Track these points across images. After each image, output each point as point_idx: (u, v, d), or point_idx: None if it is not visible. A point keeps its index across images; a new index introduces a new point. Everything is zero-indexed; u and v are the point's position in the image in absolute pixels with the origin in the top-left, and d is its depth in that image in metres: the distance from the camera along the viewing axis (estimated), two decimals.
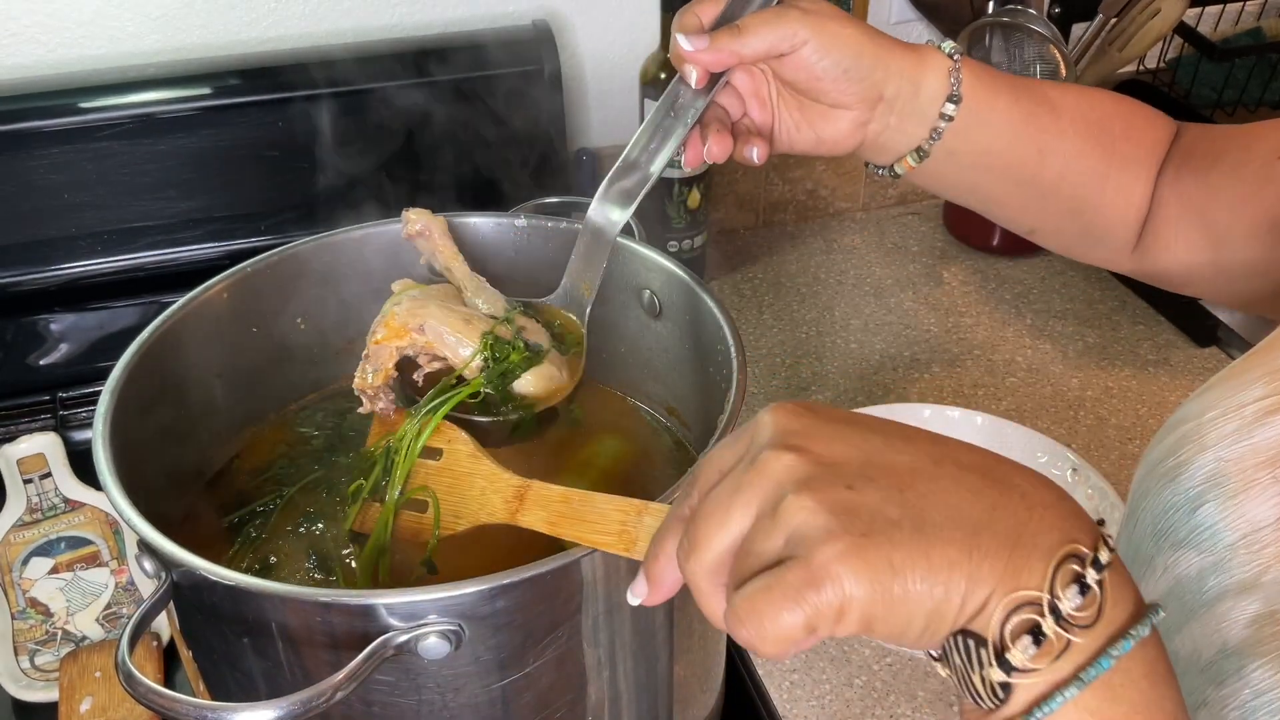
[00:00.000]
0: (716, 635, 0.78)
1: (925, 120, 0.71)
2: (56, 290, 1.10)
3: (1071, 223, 0.77)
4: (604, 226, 0.72)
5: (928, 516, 0.41)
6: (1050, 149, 0.73)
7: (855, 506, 0.41)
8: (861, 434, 0.44)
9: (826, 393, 1.19)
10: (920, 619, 0.41)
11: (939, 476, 0.43)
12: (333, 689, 0.54)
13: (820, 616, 0.40)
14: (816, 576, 0.40)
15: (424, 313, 0.70)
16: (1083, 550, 0.41)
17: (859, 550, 0.40)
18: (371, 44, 1.15)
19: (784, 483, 0.43)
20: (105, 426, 0.65)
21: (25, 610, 0.93)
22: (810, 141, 0.72)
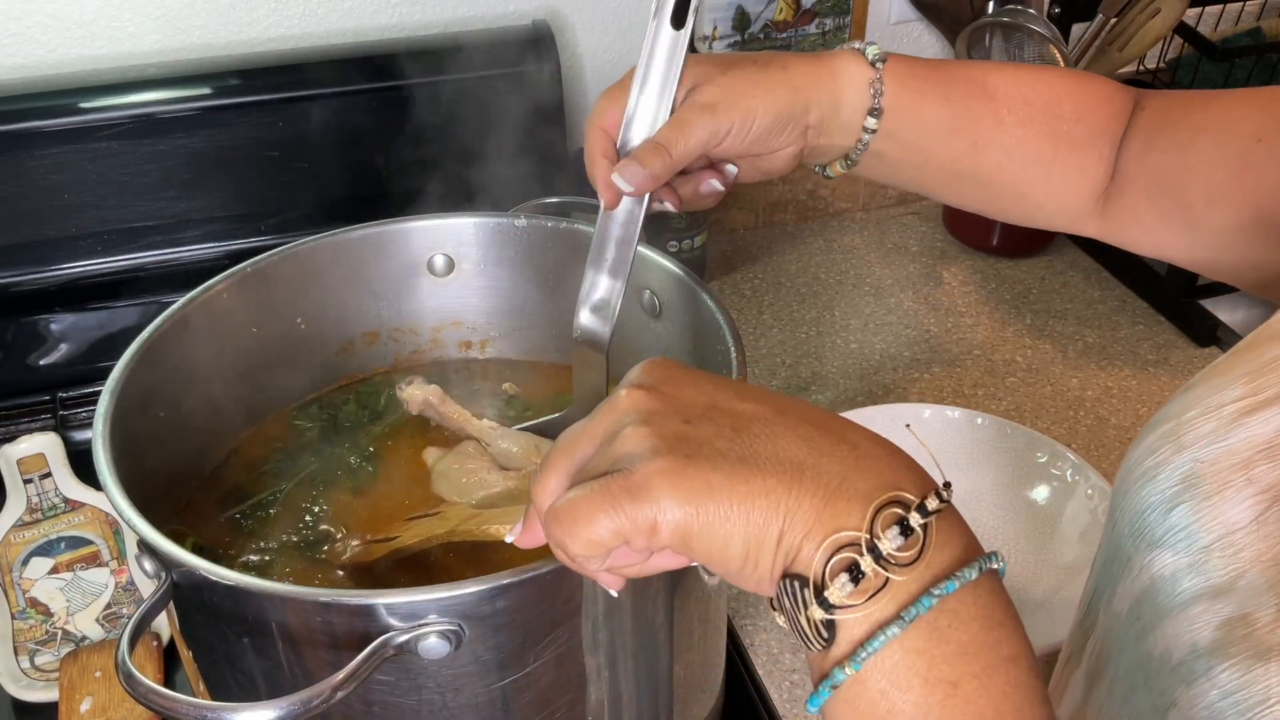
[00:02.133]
0: (716, 635, 0.78)
1: (850, 133, 0.71)
2: (56, 290, 1.10)
3: (1019, 203, 0.77)
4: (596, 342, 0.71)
5: (755, 451, 0.43)
6: (985, 141, 0.73)
7: (686, 436, 0.44)
8: (715, 385, 0.47)
9: (827, 393, 1.19)
10: (738, 543, 0.42)
11: (775, 422, 0.44)
12: (333, 689, 0.54)
13: (634, 526, 0.42)
14: (634, 485, 0.42)
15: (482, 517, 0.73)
16: (907, 497, 0.42)
17: (679, 469, 0.42)
18: (371, 44, 1.15)
19: (628, 413, 0.45)
20: (105, 426, 0.65)
21: (25, 610, 0.93)
22: (754, 176, 0.73)
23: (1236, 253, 0.69)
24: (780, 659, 0.92)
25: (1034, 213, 0.77)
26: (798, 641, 0.43)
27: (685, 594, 0.68)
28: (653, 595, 0.65)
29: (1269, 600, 0.45)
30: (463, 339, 0.90)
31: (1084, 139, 0.73)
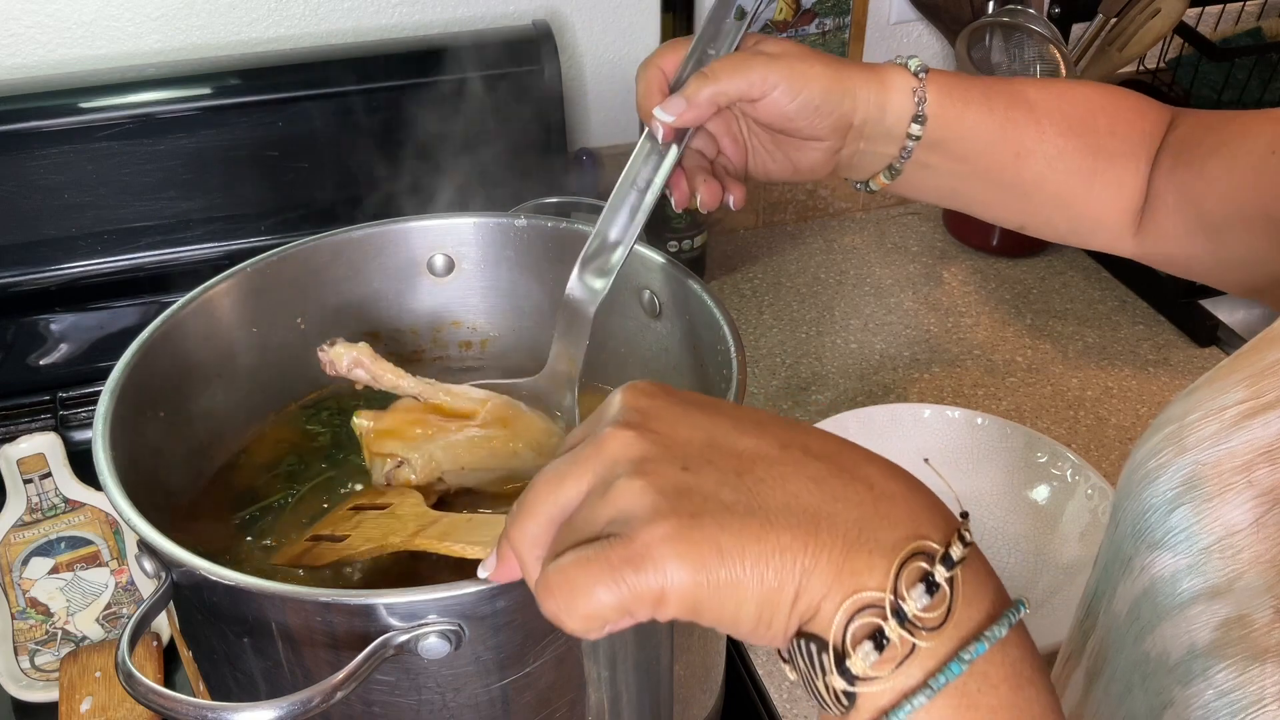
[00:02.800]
0: (717, 635, 0.78)
1: (894, 140, 0.71)
2: (56, 290, 1.10)
3: (1060, 217, 0.77)
4: (582, 302, 0.72)
5: (764, 501, 0.39)
6: (1028, 152, 0.73)
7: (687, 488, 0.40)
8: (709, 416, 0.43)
9: (827, 393, 1.19)
10: (751, 607, 0.39)
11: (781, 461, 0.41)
12: (333, 689, 0.54)
13: (638, 599, 0.39)
14: (637, 555, 0.38)
15: (434, 466, 0.71)
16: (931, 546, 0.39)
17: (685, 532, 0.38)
18: (371, 44, 1.15)
19: (619, 460, 0.41)
20: (105, 426, 0.65)
21: (25, 610, 0.93)
22: (786, 171, 0.73)
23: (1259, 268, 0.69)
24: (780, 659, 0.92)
25: (1074, 226, 0.77)
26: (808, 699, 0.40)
27: None
28: None
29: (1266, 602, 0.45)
30: (463, 339, 0.90)
31: (1120, 153, 0.74)
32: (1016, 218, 0.78)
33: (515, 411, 0.75)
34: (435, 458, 0.71)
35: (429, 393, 0.75)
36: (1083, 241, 0.79)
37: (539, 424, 0.75)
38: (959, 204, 0.78)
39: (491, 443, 0.72)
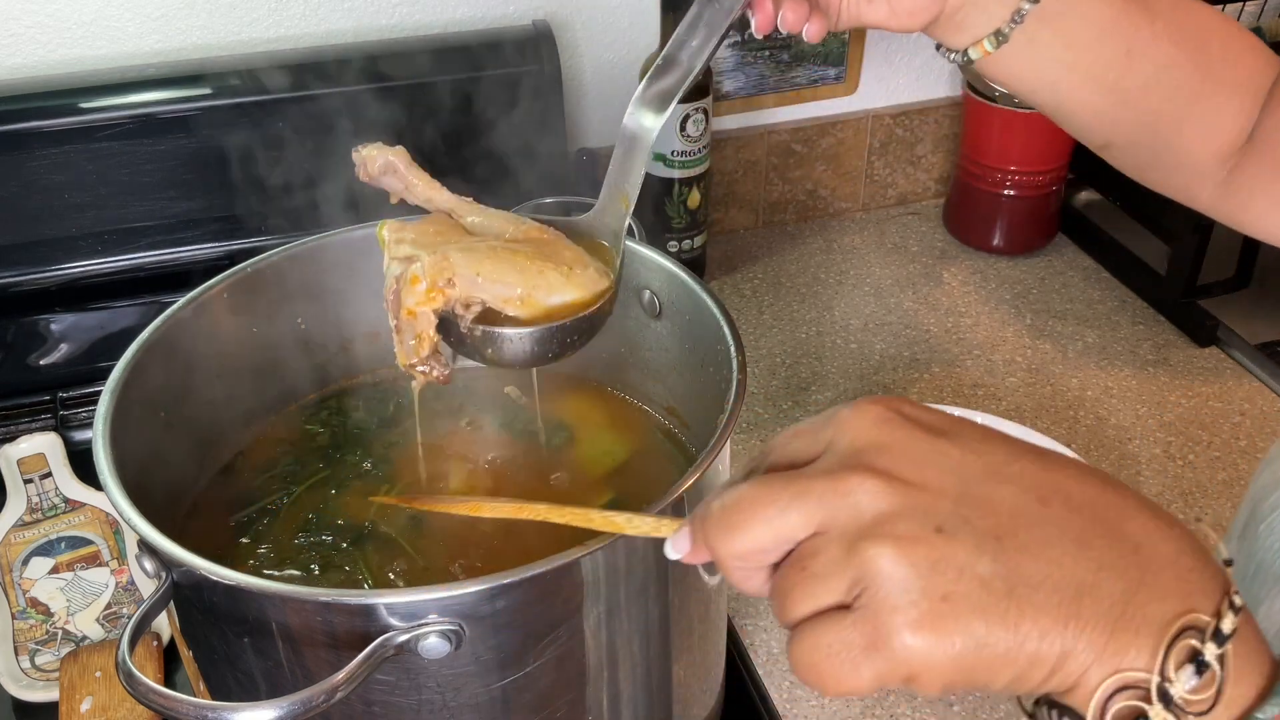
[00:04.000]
0: (716, 635, 0.78)
1: (1007, 1, 0.65)
2: (56, 290, 1.10)
3: (1150, 140, 0.70)
4: (639, 131, 0.67)
5: (1023, 574, 0.37)
6: (1140, 53, 0.66)
7: (943, 560, 0.37)
8: (960, 454, 0.39)
9: (827, 393, 1.19)
10: (1002, 683, 0.37)
11: (1043, 521, 0.38)
12: (333, 689, 0.54)
13: (885, 679, 0.37)
14: (883, 642, 0.37)
15: (447, 264, 0.64)
16: (1201, 620, 0.36)
17: (937, 619, 0.36)
18: (371, 44, 1.15)
19: (864, 513, 0.38)
20: (105, 426, 0.65)
21: (25, 610, 0.93)
22: (882, 14, 0.66)
23: None
24: (780, 659, 0.92)
25: (1160, 155, 0.71)
26: None
27: (685, 594, 0.68)
28: (652, 595, 0.65)
29: None
30: None
31: (1228, 83, 0.68)
32: (1105, 131, 0.71)
33: (551, 235, 0.70)
34: (449, 257, 0.64)
35: (463, 208, 0.70)
36: (1162, 179, 0.73)
37: (572, 251, 0.69)
38: (1053, 101, 0.70)
39: (515, 256, 0.66)
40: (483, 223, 0.70)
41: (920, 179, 1.50)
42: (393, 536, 0.75)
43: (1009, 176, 1.35)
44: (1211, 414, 1.16)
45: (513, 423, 0.85)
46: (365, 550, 0.74)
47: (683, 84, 0.66)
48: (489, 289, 0.65)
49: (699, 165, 1.23)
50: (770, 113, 1.38)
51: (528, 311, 0.65)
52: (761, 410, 1.16)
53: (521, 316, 0.65)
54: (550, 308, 0.66)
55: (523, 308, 0.65)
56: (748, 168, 1.40)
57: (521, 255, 0.66)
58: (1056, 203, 1.40)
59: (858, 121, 1.42)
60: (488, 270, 0.65)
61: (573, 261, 0.67)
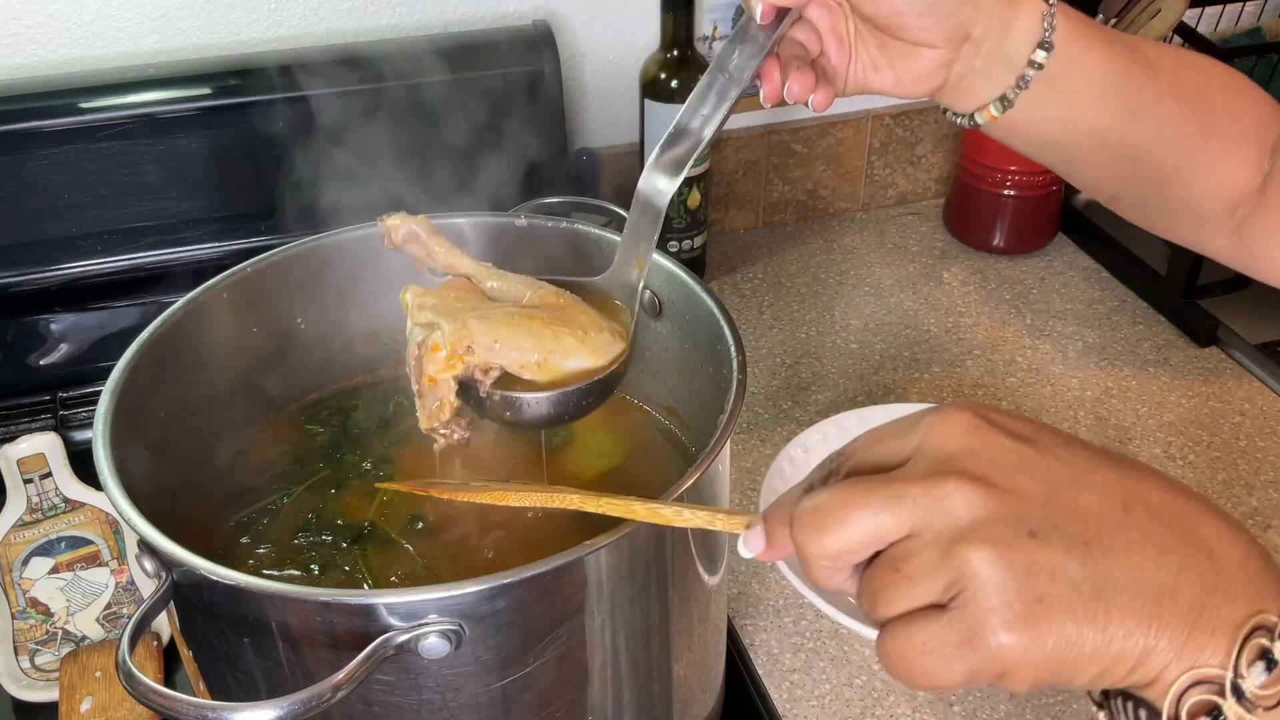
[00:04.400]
0: (716, 635, 0.78)
1: (1013, 66, 0.66)
2: (56, 290, 1.10)
3: (1158, 192, 0.71)
4: (653, 196, 0.68)
5: (1110, 577, 0.39)
6: (1143, 110, 0.68)
7: (1036, 564, 0.39)
8: (1045, 462, 0.42)
9: (827, 393, 1.19)
10: (1086, 678, 0.40)
11: (1127, 527, 0.40)
12: (333, 689, 0.54)
13: (977, 676, 0.40)
14: (979, 640, 0.39)
15: (466, 332, 0.66)
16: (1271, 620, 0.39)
17: (1031, 620, 0.39)
18: (371, 44, 1.15)
19: (959, 517, 0.40)
20: (105, 426, 0.65)
21: (25, 610, 0.93)
22: (888, 82, 0.67)
23: None
24: (780, 659, 0.92)
25: (1168, 206, 0.72)
26: None
27: (685, 594, 0.68)
28: (653, 595, 0.65)
29: None
30: None
31: (1232, 136, 0.69)
32: (1112, 186, 0.73)
33: (567, 300, 0.71)
34: (468, 325, 0.66)
35: (482, 274, 0.72)
36: (1172, 229, 0.74)
37: (589, 316, 0.70)
38: (1060, 159, 0.72)
39: (532, 323, 0.68)
40: (501, 287, 0.72)
41: (920, 179, 1.50)
42: (393, 536, 0.75)
43: (1009, 176, 1.35)
44: (1211, 414, 1.16)
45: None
46: (365, 550, 0.74)
47: (693, 152, 0.68)
48: (506, 355, 0.67)
49: (699, 165, 1.23)
50: (770, 113, 1.38)
51: (545, 375, 0.67)
52: (761, 410, 1.16)
53: (539, 380, 0.67)
54: (567, 372, 0.68)
55: (539, 372, 0.67)
56: (748, 168, 1.40)
57: (538, 321, 0.68)
58: (1056, 203, 1.40)
59: (858, 121, 1.42)
60: (505, 337, 0.67)
61: (588, 326, 0.69)
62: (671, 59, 1.20)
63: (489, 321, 0.67)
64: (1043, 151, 0.72)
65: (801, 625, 0.94)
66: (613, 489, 0.78)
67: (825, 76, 0.67)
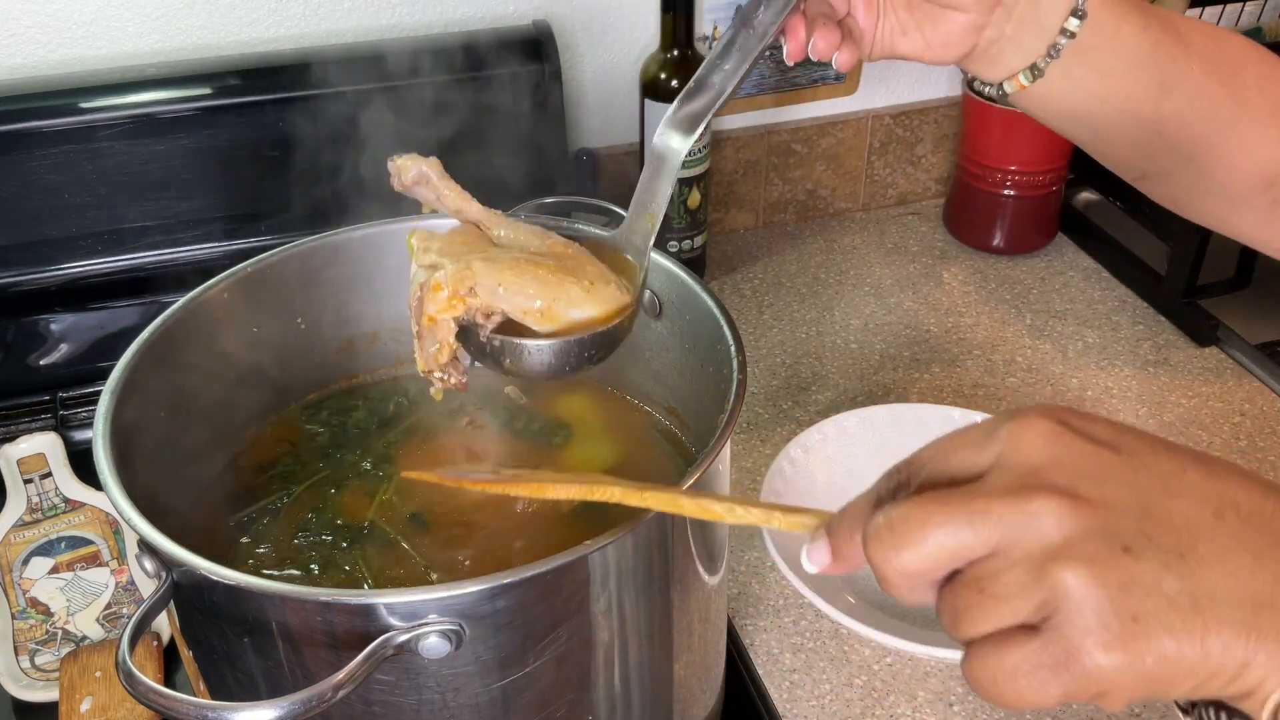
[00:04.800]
0: (716, 635, 0.78)
1: (1044, 33, 0.64)
2: (56, 290, 1.10)
3: (1186, 169, 0.70)
4: (667, 152, 0.67)
5: (1207, 588, 0.39)
6: (1174, 84, 0.66)
7: (1131, 581, 0.38)
8: (1132, 468, 0.40)
9: (827, 393, 1.19)
10: (1181, 692, 0.39)
11: (1220, 534, 0.40)
12: (333, 689, 0.54)
13: (1074, 697, 0.39)
14: (1075, 662, 0.38)
15: (469, 274, 0.65)
16: None
17: (1129, 640, 0.38)
18: (371, 44, 1.15)
19: (1049, 535, 0.39)
20: (105, 426, 0.65)
21: (25, 610, 0.93)
22: (916, 46, 0.66)
23: None
24: (780, 659, 0.92)
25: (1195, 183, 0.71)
26: None
27: (685, 594, 0.68)
28: (653, 595, 0.65)
29: None
30: None
31: (1264, 114, 0.68)
32: (1140, 162, 0.71)
33: (575, 251, 0.70)
34: (472, 266, 0.66)
35: (491, 221, 0.71)
36: (1200, 209, 0.72)
37: (596, 267, 0.69)
38: (1088, 132, 0.71)
39: (537, 269, 0.67)
40: (510, 236, 0.71)
41: (920, 179, 1.50)
42: (393, 536, 0.75)
43: (1009, 176, 1.35)
44: (1211, 414, 1.16)
45: (512, 422, 0.85)
46: (365, 550, 0.74)
47: (713, 107, 0.66)
48: (509, 300, 0.66)
49: (699, 165, 1.23)
50: (770, 113, 1.38)
51: (548, 324, 0.66)
52: (761, 410, 1.16)
53: (541, 329, 0.66)
54: (570, 321, 0.66)
55: (542, 320, 0.66)
56: (748, 168, 1.40)
57: (544, 268, 0.67)
58: (1056, 203, 1.40)
59: (858, 121, 1.42)
60: (509, 281, 0.65)
61: (595, 277, 0.68)
62: (671, 59, 1.20)
63: (494, 265, 0.66)
64: (1071, 124, 0.70)
65: (801, 625, 0.94)
66: None
67: (851, 36, 0.66)
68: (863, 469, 1.06)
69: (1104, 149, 0.72)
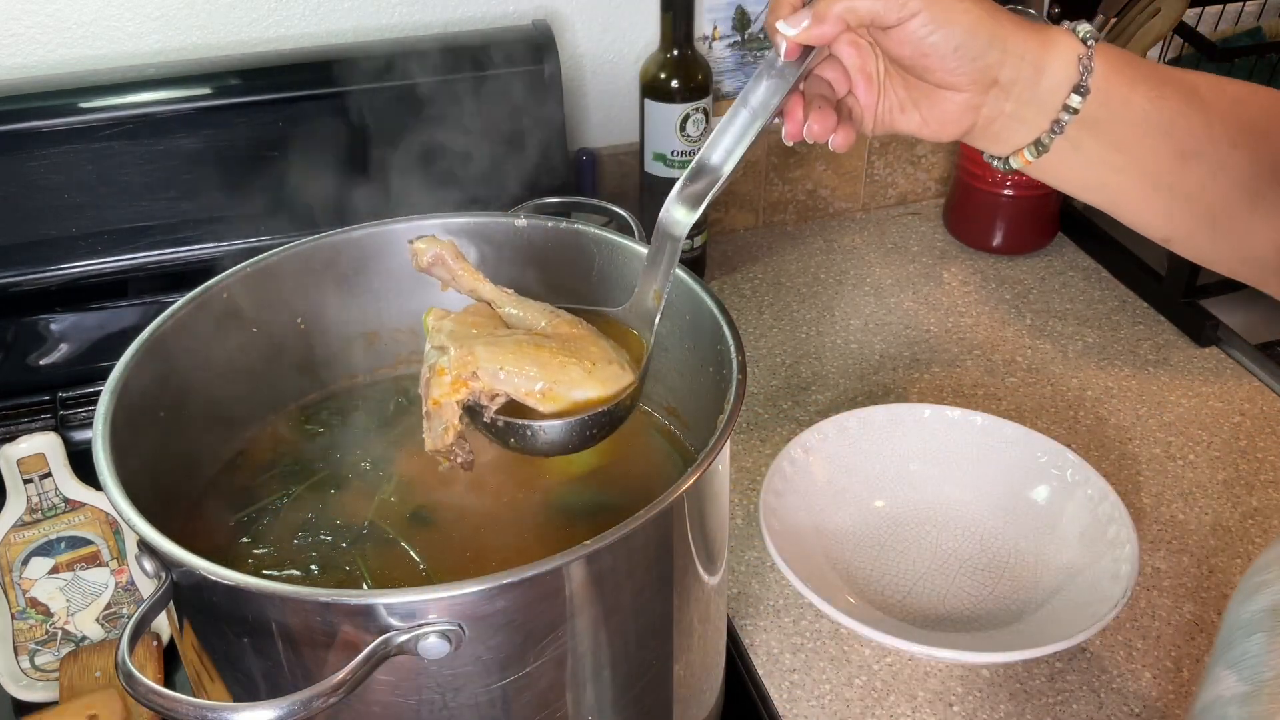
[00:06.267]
0: (716, 635, 0.78)
1: (1046, 110, 0.64)
2: (56, 290, 1.10)
3: (1210, 235, 0.68)
4: (672, 229, 0.69)
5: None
6: (1194, 154, 0.64)
7: None
8: None
9: (827, 393, 1.19)
10: None
11: None
12: (333, 689, 0.54)
13: None
14: None
15: (472, 358, 0.67)
16: None
17: None
18: (371, 44, 1.15)
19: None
20: (105, 426, 0.65)
21: (25, 610, 0.93)
22: (915, 123, 0.66)
23: None
24: (780, 659, 0.92)
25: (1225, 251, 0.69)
26: None
27: (685, 594, 0.68)
28: (653, 595, 0.65)
29: None
30: None
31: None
32: (1164, 228, 0.69)
33: (580, 331, 0.71)
34: (474, 351, 0.67)
35: (502, 300, 0.73)
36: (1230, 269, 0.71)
37: (600, 347, 0.70)
38: (1105, 200, 0.69)
39: (540, 351, 0.68)
40: (519, 314, 0.73)
41: (920, 179, 1.50)
42: (392, 536, 0.75)
43: (1009, 176, 1.35)
44: (1211, 414, 1.16)
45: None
46: (365, 550, 0.74)
47: (713, 187, 0.68)
48: (511, 382, 0.67)
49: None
50: None
51: (550, 405, 0.68)
52: (761, 410, 1.16)
53: (544, 409, 0.68)
54: (573, 402, 0.68)
55: (544, 401, 0.67)
56: (748, 168, 1.40)
57: (546, 350, 0.68)
58: (1056, 203, 1.40)
59: None
60: (511, 364, 0.67)
61: (597, 357, 0.69)
62: (671, 59, 1.20)
63: (496, 348, 0.68)
64: (1087, 193, 0.69)
65: (801, 625, 0.94)
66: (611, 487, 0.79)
67: (849, 117, 0.67)
68: (863, 469, 1.07)
69: (1124, 214, 0.70)
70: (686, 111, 1.20)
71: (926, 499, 1.04)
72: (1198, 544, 1.01)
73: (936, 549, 1.00)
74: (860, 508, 1.03)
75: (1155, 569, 0.99)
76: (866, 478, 1.05)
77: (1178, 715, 0.87)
